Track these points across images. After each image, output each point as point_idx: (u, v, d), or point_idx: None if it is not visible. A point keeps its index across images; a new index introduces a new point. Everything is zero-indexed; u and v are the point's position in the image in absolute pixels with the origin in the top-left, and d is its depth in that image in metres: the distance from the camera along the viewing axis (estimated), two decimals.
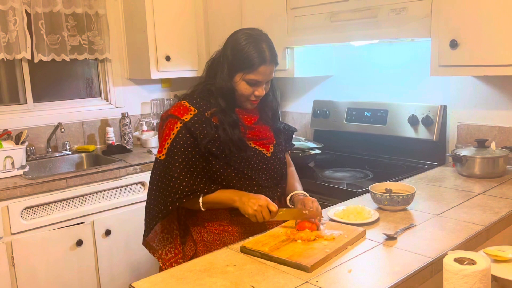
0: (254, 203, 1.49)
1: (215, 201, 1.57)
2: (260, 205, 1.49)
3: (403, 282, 1.21)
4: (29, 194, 2.33)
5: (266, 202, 1.50)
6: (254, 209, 1.48)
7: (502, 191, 1.92)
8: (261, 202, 1.49)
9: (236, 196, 1.54)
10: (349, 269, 1.28)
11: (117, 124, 3.26)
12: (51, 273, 2.42)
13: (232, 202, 1.54)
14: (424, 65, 2.27)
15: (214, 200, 1.56)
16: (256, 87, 1.58)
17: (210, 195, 1.56)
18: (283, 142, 1.79)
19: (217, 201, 1.57)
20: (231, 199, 1.54)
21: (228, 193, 1.57)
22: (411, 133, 2.52)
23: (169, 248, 1.69)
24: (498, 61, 1.91)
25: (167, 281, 1.25)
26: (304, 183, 1.85)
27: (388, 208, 1.72)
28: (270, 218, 1.50)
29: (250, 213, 1.49)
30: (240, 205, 1.51)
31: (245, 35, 1.57)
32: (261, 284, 1.20)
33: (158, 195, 1.57)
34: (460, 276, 0.97)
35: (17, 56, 2.84)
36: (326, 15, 2.47)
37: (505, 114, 2.29)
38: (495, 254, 1.30)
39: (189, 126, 1.55)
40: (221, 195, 1.57)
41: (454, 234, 1.49)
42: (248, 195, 1.54)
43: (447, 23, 2.02)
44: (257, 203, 1.49)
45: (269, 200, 1.52)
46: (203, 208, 1.57)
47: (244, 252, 1.40)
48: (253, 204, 1.49)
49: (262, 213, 1.48)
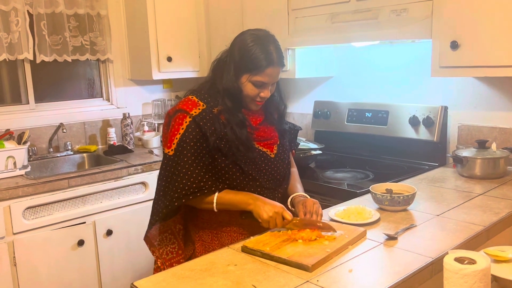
0: (270, 209, 1.48)
1: (229, 203, 1.56)
2: (276, 212, 1.48)
3: (403, 281, 1.22)
4: (31, 194, 2.34)
5: (282, 209, 1.50)
6: (269, 215, 1.47)
7: (502, 192, 1.92)
8: (277, 209, 1.49)
9: (251, 199, 1.53)
10: (349, 268, 1.28)
11: (118, 124, 3.27)
12: (53, 272, 2.43)
13: (246, 205, 1.53)
14: (424, 66, 2.27)
15: (228, 201, 1.55)
16: (262, 88, 1.58)
17: (224, 196, 1.56)
18: (288, 143, 1.79)
19: (231, 202, 1.55)
20: (245, 202, 1.53)
21: (242, 196, 1.56)
22: (412, 134, 2.52)
23: (171, 249, 1.69)
24: (499, 62, 1.91)
25: (168, 280, 1.26)
26: (305, 184, 1.86)
27: (388, 209, 1.73)
28: (283, 226, 1.50)
29: (265, 218, 1.47)
30: (254, 209, 1.50)
31: (252, 36, 1.56)
32: (262, 284, 1.21)
33: (167, 191, 1.57)
34: (460, 275, 0.97)
35: (19, 56, 2.85)
36: (327, 16, 2.48)
37: (505, 115, 2.30)
38: (495, 254, 1.30)
39: (198, 121, 1.55)
40: (235, 197, 1.56)
41: (455, 234, 1.49)
42: (263, 200, 1.52)
43: (448, 24, 2.03)
44: (273, 210, 1.48)
45: (284, 208, 1.51)
46: (216, 208, 1.56)
47: (245, 252, 1.41)
48: (269, 210, 1.48)
49: (276, 220, 1.48)
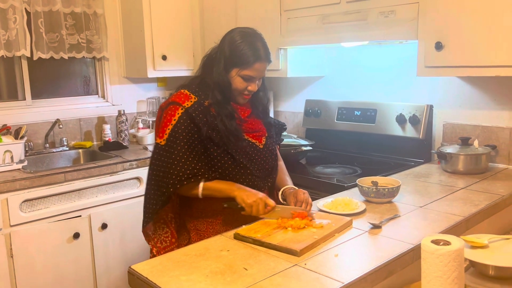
0: (253, 195, 1.57)
1: (214, 189, 1.64)
2: (259, 197, 1.57)
3: (385, 265, 1.29)
4: (28, 187, 2.39)
5: (265, 197, 1.59)
6: (253, 200, 1.56)
7: (483, 186, 2.01)
8: (260, 196, 1.58)
9: (235, 186, 1.62)
10: (335, 253, 1.36)
11: (113, 121, 3.32)
12: (49, 264, 2.48)
13: (231, 191, 1.61)
14: (411, 66, 2.35)
15: (213, 187, 1.64)
16: (250, 82, 1.68)
17: (210, 183, 1.64)
18: (274, 135, 1.88)
19: (216, 188, 1.64)
20: (230, 188, 1.62)
21: (228, 183, 1.65)
22: (399, 132, 2.61)
23: (164, 237, 1.76)
24: (480, 62, 2.00)
25: (164, 264, 1.33)
26: (295, 178, 1.93)
27: (374, 201, 1.81)
28: (265, 212, 1.58)
29: (249, 202, 1.56)
30: (238, 195, 1.59)
31: (241, 33, 1.67)
32: (253, 267, 1.28)
33: (159, 180, 1.64)
34: (435, 255, 1.05)
35: (17, 53, 2.90)
36: (318, 17, 2.56)
37: (488, 114, 2.39)
38: (472, 240, 1.39)
39: (190, 112, 1.63)
40: (221, 184, 1.65)
41: (436, 223, 1.58)
42: (247, 188, 1.62)
43: (433, 26, 2.12)
44: (256, 196, 1.57)
45: (267, 197, 1.60)
46: (201, 194, 1.64)
47: (237, 239, 1.48)
48: (253, 196, 1.57)
49: (259, 205, 1.56)
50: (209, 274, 1.24)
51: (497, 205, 1.81)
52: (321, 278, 1.21)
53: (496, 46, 1.94)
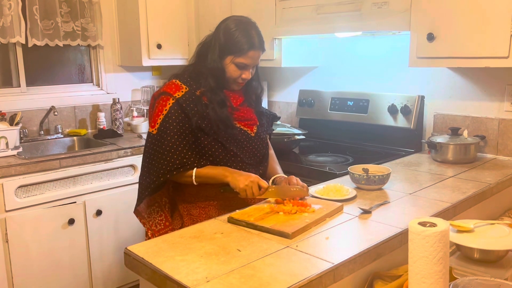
0: (246, 179, 1.60)
1: (207, 176, 1.67)
2: (251, 180, 1.60)
3: (374, 248, 1.34)
4: (23, 173, 2.41)
5: (257, 178, 1.62)
6: (246, 184, 1.59)
7: (471, 175, 2.06)
8: (252, 178, 1.61)
9: (227, 172, 1.65)
10: (326, 236, 1.40)
11: (108, 109, 3.34)
12: (43, 249, 2.51)
13: (223, 177, 1.64)
14: (404, 57, 2.38)
15: (206, 174, 1.67)
16: (244, 70, 1.71)
17: (203, 170, 1.67)
18: (265, 124, 1.91)
19: (209, 175, 1.67)
20: (223, 174, 1.65)
21: (220, 169, 1.68)
22: (391, 122, 2.65)
23: (159, 220, 1.80)
24: (471, 53, 2.04)
25: (159, 245, 1.36)
26: (288, 166, 1.98)
27: (365, 187, 1.85)
28: (259, 194, 1.61)
29: (241, 187, 1.59)
30: (231, 180, 1.62)
31: (236, 21, 1.69)
32: (246, 248, 1.32)
33: (151, 167, 1.68)
34: (422, 236, 1.09)
35: (12, 40, 2.90)
36: (313, 8, 2.58)
37: (477, 104, 2.44)
38: (458, 225, 1.43)
39: (181, 103, 1.66)
40: (214, 170, 1.68)
41: (424, 209, 1.62)
42: (239, 172, 1.65)
43: (425, 17, 2.15)
44: (248, 179, 1.60)
45: (259, 178, 1.63)
46: (195, 182, 1.67)
47: (231, 222, 1.51)
48: (245, 180, 1.60)
49: (252, 188, 1.59)
50: (203, 255, 1.27)
51: (484, 193, 1.87)
52: (312, 259, 1.25)
53: (486, 38, 1.98)
